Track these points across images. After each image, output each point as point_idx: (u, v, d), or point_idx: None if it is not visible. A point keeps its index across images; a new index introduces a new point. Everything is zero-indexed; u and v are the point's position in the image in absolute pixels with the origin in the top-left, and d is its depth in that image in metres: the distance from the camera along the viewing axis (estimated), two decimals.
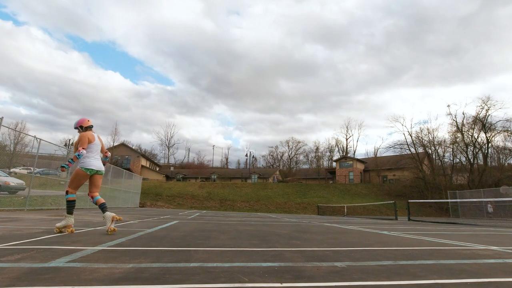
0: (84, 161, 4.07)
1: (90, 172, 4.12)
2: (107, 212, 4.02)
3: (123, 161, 49.09)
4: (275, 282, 1.73)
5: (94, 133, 4.32)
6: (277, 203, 33.47)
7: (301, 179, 52.85)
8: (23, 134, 37.35)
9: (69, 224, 3.92)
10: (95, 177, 4.22)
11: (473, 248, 3.64)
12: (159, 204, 29.22)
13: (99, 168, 4.22)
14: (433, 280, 1.85)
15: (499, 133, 33.82)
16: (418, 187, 34.89)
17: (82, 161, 4.07)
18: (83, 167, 4.05)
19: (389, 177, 45.68)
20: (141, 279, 1.69)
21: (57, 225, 3.90)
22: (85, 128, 4.28)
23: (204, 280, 1.72)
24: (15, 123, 44.96)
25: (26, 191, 10.87)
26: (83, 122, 4.31)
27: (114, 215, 3.97)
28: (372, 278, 1.86)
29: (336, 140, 64.71)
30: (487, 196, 23.59)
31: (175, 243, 3.30)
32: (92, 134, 4.24)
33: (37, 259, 2.16)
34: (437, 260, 2.66)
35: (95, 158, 4.21)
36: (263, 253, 2.79)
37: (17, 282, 1.55)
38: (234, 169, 69.09)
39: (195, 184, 42.61)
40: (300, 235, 4.80)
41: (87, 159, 4.09)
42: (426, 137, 38.64)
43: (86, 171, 4.07)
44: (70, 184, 4.08)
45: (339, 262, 2.42)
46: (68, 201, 4.02)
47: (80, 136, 4.13)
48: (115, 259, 2.26)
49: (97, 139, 4.32)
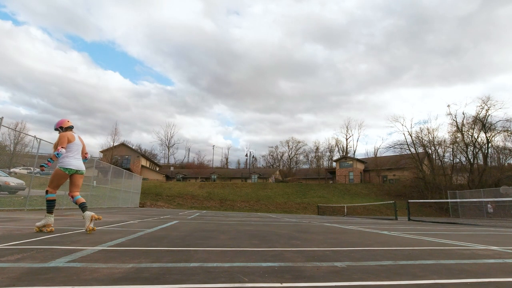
0: (62, 160, 4.07)
1: (69, 172, 4.11)
2: (87, 211, 4.02)
3: (123, 161, 49.11)
4: (275, 282, 1.73)
5: (74, 134, 4.34)
6: (277, 203, 33.47)
7: (301, 179, 52.85)
8: (23, 134, 37.38)
9: (48, 223, 3.93)
10: (75, 176, 4.22)
11: (473, 248, 3.64)
12: (159, 204, 29.21)
13: (78, 168, 4.21)
14: (433, 280, 1.85)
15: (499, 133, 33.86)
16: (418, 187, 34.89)
17: (61, 161, 4.07)
18: (62, 167, 4.06)
19: (389, 177, 45.68)
20: (141, 279, 1.69)
21: (37, 224, 3.92)
22: (65, 129, 4.29)
23: (204, 280, 1.72)
24: (15, 123, 45.03)
25: (26, 191, 10.88)
26: (63, 123, 4.32)
27: (94, 214, 3.97)
28: (372, 278, 1.86)
29: (336, 140, 64.83)
30: (487, 196, 23.59)
31: (175, 243, 3.30)
32: (72, 134, 4.26)
33: (37, 259, 2.17)
34: (437, 260, 2.66)
35: (75, 157, 4.20)
36: (263, 253, 2.79)
37: (17, 282, 1.55)
38: (234, 169, 69.11)
39: (195, 184, 42.61)
40: (300, 235, 4.80)
41: (66, 158, 4.09)
42: (426, 137, 38.69)
43: (65, 171, 4.07)
44: (50, 184, 4.09)
45: (339, 262, 2.42)
46: (48, 200, 4.03)
47: (59, 136, 4.15)
48: (115, 259, 2.26)
49: (78, 139, 4.33)
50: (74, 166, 4.15)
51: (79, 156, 4.30)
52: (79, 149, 4.32)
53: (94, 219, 3.93)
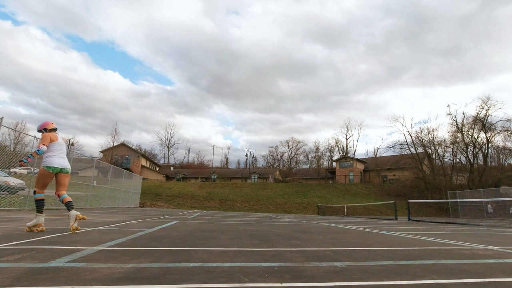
0: (46, 160, 4.09)
1: (53, 170, 4.11)
2: (72, 210, 4.03)
3: (123, 161, 49.11)
4: (275, 282, 1.73)
5: (57, 134, 4.36)
6: (277, 203, 33.47)
7: (301, 179, 52.84)
8: (23, 134, 37.36)
9: (39, 223, 3.95)
10: (60, 175, 4.22)
11: (473, 248, 3.64)
12: (159, 204, 29.20)
13: (63, 166, 4.21)
14: (433, 280, 1.85)
15: (499, 133, 33.89)
16: (418, 187, 34.90)
17: (44, 160, 4.08)
18: (45, 166, 4.07)
19: (389, 177, 45.67)
20: (141, 279, 1.69)
21: (28, 224, 3.93)
22: (49, 131, 4.31)
23: (204, 280, 1.72)
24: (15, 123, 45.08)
25: (26, 191, 10.87)
26: (47, 124, 4.34)
27: (78, 213, 3.97)
28: (372, 278, 1.86)
29: (336, 140, 64.73)
30: (487, 196, 23.60)
31: (175, 243, 3.30)
32: (55, 135, 4.28)
33: (37, 259, 2.16)
34: (437, 260, 2.66)
35: (59, 156, 4.20)
36: (263, 253, 2.79)
37: (17, 282, 1.55)
38: (234, 169, 69.10)
39: (195, 184, 42.61)
40: (300, 235, 4.80)
41: (49, 158, 4.10)
42: (426, 137, 38.69)
43: (48, 170, 4.08)
44: (36, 184, 4.11)
45: (339, 262, 2.42)
46: (36, 200, 4.06)
47: (42, 136, 4.17)
48: (115, 259, 2.26)
49: (61, 139, 4.36)
50: (58, 165, 4.15)
51: (63, 155, 4.30)
52: (63, 149, 4.33)
53: (78, 219, 3.93)
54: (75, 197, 13.51)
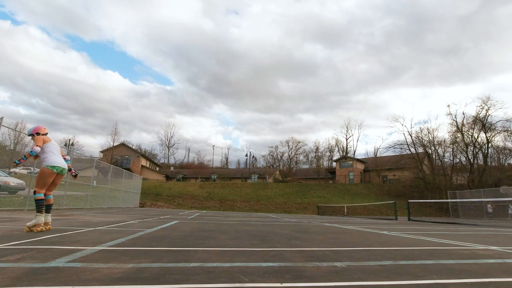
0: (47, 160, 4.12)
1: (57, 170, 4.16)
2: (47, 216, 4.10)
3: (123, 161, 49.12)
4: (275, 282, 1.73)
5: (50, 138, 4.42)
6: (277, 203, 33.46)
7: (301, 179, 52.84)
8: (23, 134, 37.32)
9: (38, 223, 3.97)
10: (57, 176, 4.27)
11: (473, 248, 3.64)
12: (159, 204, 29.20)
13: (64, 167, 4.28)
14: (433, 280, 1.85)
15: (499, 133, 33.88)
16: (418, 187, 34.88)
17: (46, 160, 4.11)
18: (49, 165, 4.10)
19: (389, 177, 45.67)
20: (141, 279, 1.69)
21: (27, 224, 3.95)
22: (41, 135, 4.33)
23: (204, 280, 1.72)
24: (15, 123, 45.05)
25: (26, 191, 10.87)
26: (39, 129, 4.36)
27: (47, 222, 4.09)
28: (372, 278, 1.86)
29: (336, 140, 64.79)
30: (487, 196, 23.59)
31: (175, 243, 3.30)
32: (47, 137, 4.33)
33: (37, 259, 2.17)
34: (437, 260, 2.66)
35: (58, 156, 4.26)
36: (263, 253, 2.79)
37: (17, 282, 1.55)
38: (234, 169, 69.09)
39: (195, 184, 42.61)
40: (300, 235, 4.80)
41: (50, 157, 4.14)
42: (426, 137, 38.68)
43: (52, 169, 4.11)
44: (37, 184, 4.12)
45: (339, 262, 2.42)
46: (36, 200, 4.07)
47: (35, 138, 4.20)
48: (115, 259, 2.26)
49: (55, 142, 4.41)
50: (61, 164, 4.21)
51: (60, 156, 4.35)
52: (59, 149, 4.38)
53: (40, 227, 3.96)
54: (75, 197, 13.52)
